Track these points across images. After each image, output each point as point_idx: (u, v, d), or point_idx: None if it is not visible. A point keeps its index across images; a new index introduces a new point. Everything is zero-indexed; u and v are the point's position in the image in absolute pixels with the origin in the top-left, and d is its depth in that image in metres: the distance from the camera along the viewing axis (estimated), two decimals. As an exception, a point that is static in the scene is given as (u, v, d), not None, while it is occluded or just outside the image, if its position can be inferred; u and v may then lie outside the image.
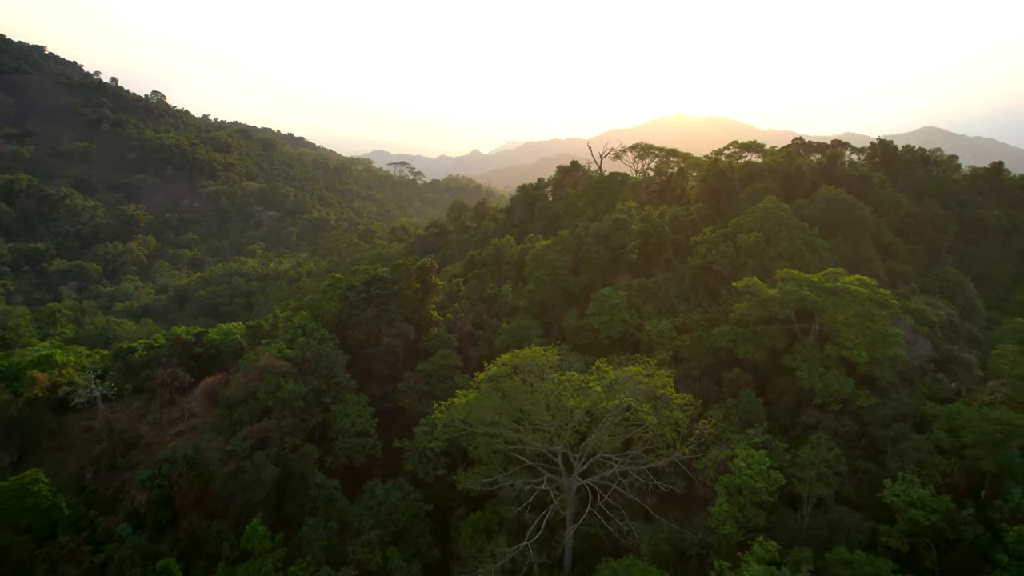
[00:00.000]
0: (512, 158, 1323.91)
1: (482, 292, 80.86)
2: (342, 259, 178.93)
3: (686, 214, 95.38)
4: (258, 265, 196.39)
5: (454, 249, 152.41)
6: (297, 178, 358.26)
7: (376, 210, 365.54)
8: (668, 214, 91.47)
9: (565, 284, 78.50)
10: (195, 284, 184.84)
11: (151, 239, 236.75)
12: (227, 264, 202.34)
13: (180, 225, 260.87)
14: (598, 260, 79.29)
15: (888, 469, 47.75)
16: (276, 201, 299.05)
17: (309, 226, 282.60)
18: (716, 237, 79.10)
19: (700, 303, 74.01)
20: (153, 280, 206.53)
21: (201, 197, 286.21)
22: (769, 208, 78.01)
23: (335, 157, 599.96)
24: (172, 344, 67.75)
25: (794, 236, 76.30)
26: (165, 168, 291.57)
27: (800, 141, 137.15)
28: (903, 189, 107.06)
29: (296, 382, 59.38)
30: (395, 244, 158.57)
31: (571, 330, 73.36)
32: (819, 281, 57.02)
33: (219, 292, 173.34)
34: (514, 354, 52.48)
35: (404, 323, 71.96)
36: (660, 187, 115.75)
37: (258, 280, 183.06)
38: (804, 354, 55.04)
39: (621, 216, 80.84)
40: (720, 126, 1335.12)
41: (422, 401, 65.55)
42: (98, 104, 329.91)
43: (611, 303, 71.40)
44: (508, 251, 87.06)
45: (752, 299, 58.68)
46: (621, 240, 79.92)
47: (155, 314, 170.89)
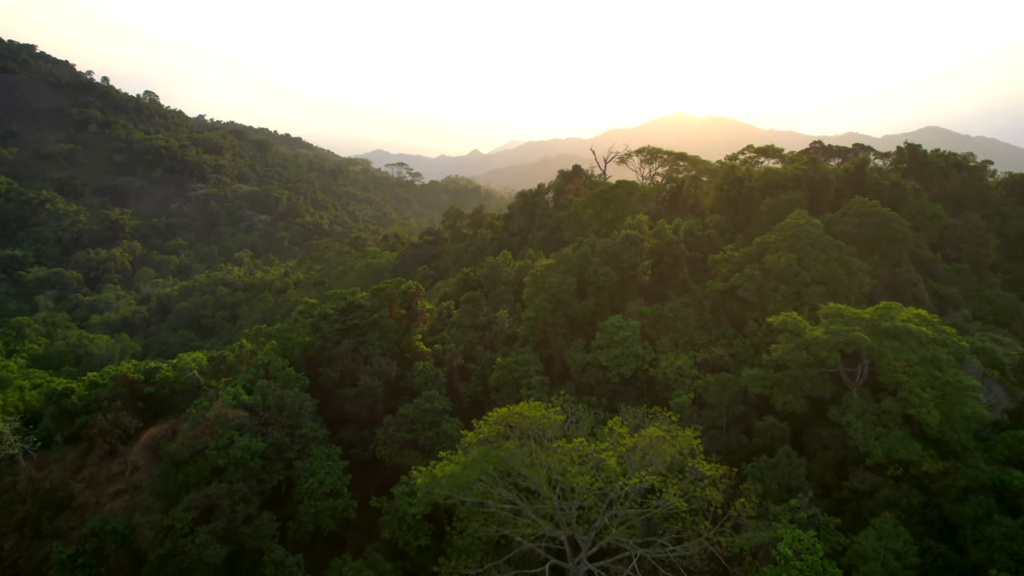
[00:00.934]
0: (512, 158, 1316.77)
1: (475, 318, 71.83)
2: (331, 268, 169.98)
3: (702, 228, 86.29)
4: (244, 274, 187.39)
5: (449, 260, 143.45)
6: (291, 180, 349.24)
7: (372, 213, 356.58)
8: (683, 228, 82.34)
9: (568, 310, 69.45)
10: (178, 294, 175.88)
11: (136, 245, 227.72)
12: (212, 273, 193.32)
13: (167, 230, 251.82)
14: (606, 282, 70.19)
15: (971, 559, 38.72)
16: (268, 205, 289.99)
17: (302, 231, 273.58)
18: (740, 257, 70.01)
19: (723, 334, 64.93)
20: (136, 288, 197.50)
21: (190, 201, 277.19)
22: (800, 225, 68.89)
23: (332, 158, 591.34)
24: (116, 384, 58.76)
25: (829, 257, 67.18)
26: (154, 170, 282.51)
27: (819, 145, 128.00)
28: (936, 198, 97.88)
29: (254, 436, 50.33)
30: (386, 253, 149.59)
31: (576, 366, 64.30)
32: (872, 319, 47.86)
33: (202, 304, 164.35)
34: (509, 411, 43.50)
35: (385, 358, 62.88)
36: (670, 195, 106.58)
37: (244, 290, 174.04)
38: (857, 408, 45.95)
39: (632, 233, 71.72)
40: (721, 126, 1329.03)
41: (404, 452, 56.53)
42: (86, 104, 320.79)
43: (621, 335, 62.34)
44: (504, 271, 78.18)
45: (792, 340, 49.55)
46: (632, 260, 70.81)
47: (134, 327, 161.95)
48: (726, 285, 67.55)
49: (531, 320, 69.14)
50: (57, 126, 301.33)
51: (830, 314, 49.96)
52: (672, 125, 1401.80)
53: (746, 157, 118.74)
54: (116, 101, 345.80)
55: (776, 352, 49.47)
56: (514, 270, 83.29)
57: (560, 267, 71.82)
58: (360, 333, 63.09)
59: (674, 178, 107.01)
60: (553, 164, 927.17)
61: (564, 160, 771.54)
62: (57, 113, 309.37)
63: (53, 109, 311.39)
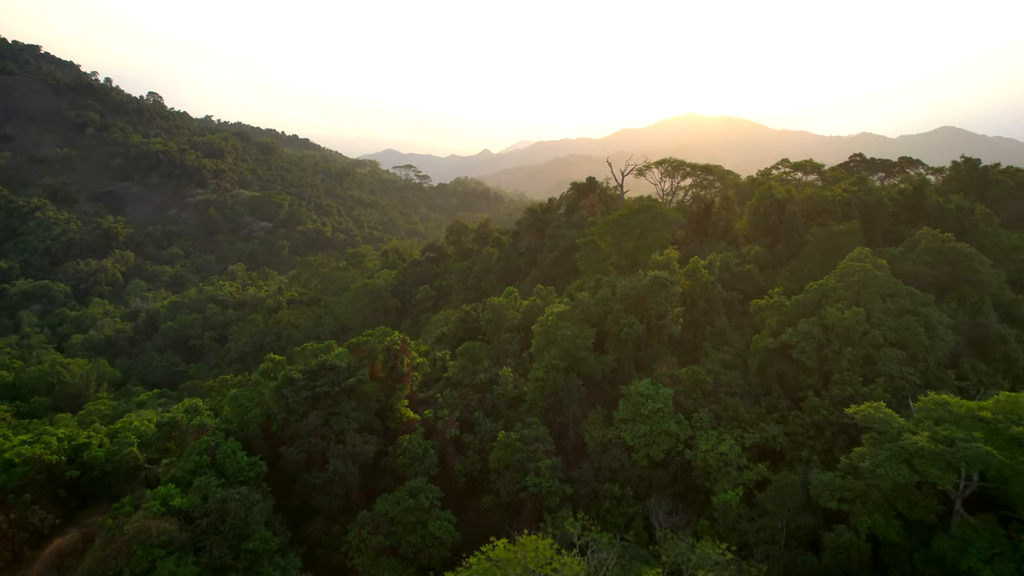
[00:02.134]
0: (523, 158, 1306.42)
1: (474, 375, 60.54)
2: (327, 285, 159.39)
3: (739, 261, 74.42)
4: (236, 290, 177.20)
5: (452, 279, 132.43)
6: (295, 185, 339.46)
7: (378, 218, 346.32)
8: (717, 262, 70.51)
9: (585, 368, 57.97)
10: (167, 311, 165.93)
11: (129, 255, 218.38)
12: (204, 287, 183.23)
13: (163, 238, 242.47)
14: (630, 335, 58.66)
15: None
16: (269, 211, 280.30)
17: (303, 239, 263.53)
18: (792, 307, 58.06)
19: (775, 405, 53.12)
20: (126, 302, 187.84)
21: (189, 207, 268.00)
22: (864, 268, 56.93)
23: (340, 159, 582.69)
24: (29, 470, 48.00)
25: (902, 308, 55.23)
26: (151, 176, 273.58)
27: (859, 158, 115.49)
28: (1006, 224, 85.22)
29: (184, 556, 39.36)
30: (385, 272, 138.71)
31: (594, 444, 52.80)
32: (994, 417, 36.01)
33: (190, 323, 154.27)
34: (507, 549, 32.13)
35: (362, 434, 51.75)
36: (697, 217, 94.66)
37: (235, 308, 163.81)
38: (980, 545, 34.15)
39: (660, 275, 60.05)
40: (733, 126, 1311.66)
41: (381, 560, 45.40)
42: (85, 107, 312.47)
43: (650, 407, 50.76)
44: (509, 314, 66.90)
45: (883, 446, 37.72)
46: (661, 307, 59.16)
47: (118, 348, 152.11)
48: (776, 342, 55.74)
49: (540, 381, 57.68)
50: (54, 129, 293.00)
51: (932, 410, 38.07)
52: (684, 125, 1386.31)
53: (781, 173, 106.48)
54: (116, 103, 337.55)
55: (864, 463, 37.62)
56: (520, 311, 71.84)
57: (575, 315, 60.29)
58: (332, 403, 51.93)
59: (701, 197, 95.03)
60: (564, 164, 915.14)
61: (575, 161, 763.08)
62: (55, 116, 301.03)
63: (51, 112, 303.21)
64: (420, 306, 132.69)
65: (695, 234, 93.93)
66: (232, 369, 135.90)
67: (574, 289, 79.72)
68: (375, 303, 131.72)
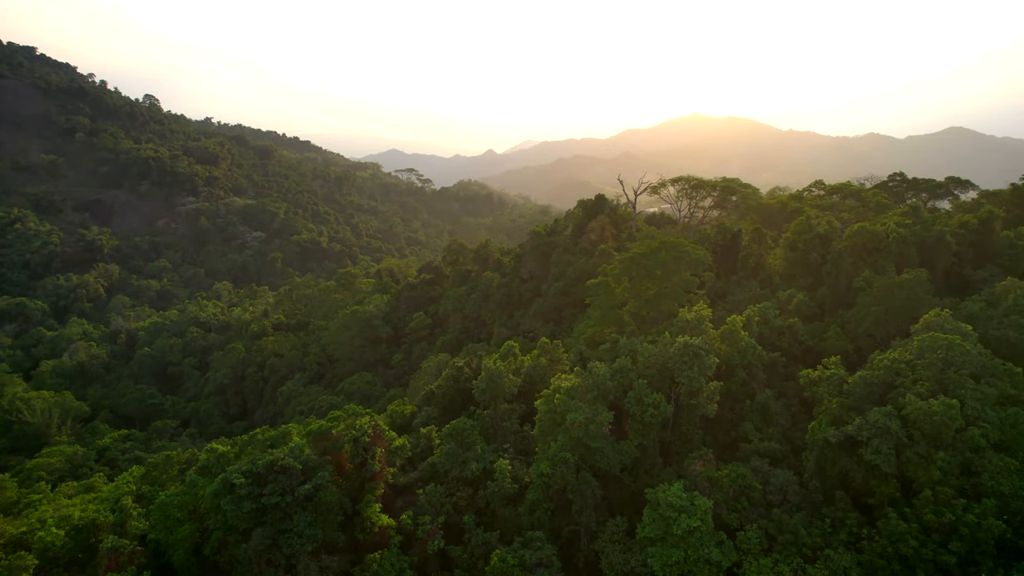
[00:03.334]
0: (527, 158, 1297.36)
1: (464, 466, 49.58)
2: (316, 308, 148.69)
3: (778, 311, 63.09)
4: (221, 311, 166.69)
5: (449, 306, 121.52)
6: (292, 191, 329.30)
7: (377, 225, 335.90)
8: (755, 316, 59.22)
9: (600, 460, 46.82)
10: (147, 333, 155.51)
11: (113, 268, 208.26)
12: (186, 308, 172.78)
13: (151, 250, 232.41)
14: (655, 418, 47.59)
15: None
16: (263, 220, 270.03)
17: (297, 249, 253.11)
18: (857, 386, 46.82)
19: (842, 520, 41.91)
20: (107, 321, 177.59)
21: (179, 216, 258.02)
22: (951, 341, 45.61)
23: (341, 162, 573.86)
24: None
25: (1001, 394, 43.95)
26: (141, 183, 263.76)
27: (900, 178, 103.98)
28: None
29: None
30: (376, 297, 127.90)
31: (613, 570, 41.70)
32: None
33: (170, 348, 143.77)
34: None
35: (319, 557, 40.80)
36: (723, 249, 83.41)
37: (218, 331, 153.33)
38: None
39: (692, 343, 48.89)
40: (738, 126, 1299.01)
41: None
42: (76, 111, 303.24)
43: (684, 524, 39.61)
44: (507, 382, 55.84)
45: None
46: (693, 383, 48.07)
47: (92, 375, 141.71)
48: (839, 434, 44.52)
49: (545, 478, 46.61)
50: (43, 135, 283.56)
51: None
52: (689, 125, 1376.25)
53: (815, 196, 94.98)
54: (109, 107, 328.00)
55: None
56: (521, 371, 60.70)
57: (588, 393, 49.15)
58: (282, 516, 40.99)
59: (727, 227, 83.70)
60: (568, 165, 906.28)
61: (579, 162, 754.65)
62: (44, 121, 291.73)
63: (40, 116, 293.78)
64: (414, 335, 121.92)
65: (721, 269, 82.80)
66: (211, 403, 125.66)
67: (584, 339, 68.68)
68: (365, 332, 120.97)
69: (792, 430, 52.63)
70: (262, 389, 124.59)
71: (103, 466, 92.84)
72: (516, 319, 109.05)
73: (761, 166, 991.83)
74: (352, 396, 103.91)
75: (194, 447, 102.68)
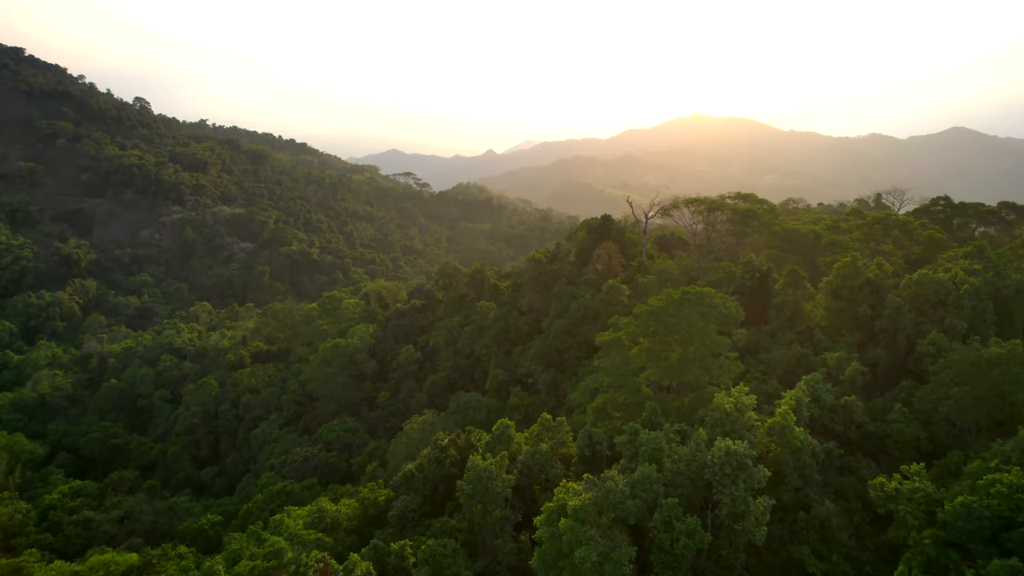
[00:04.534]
0: (527, 159, 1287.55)
1: (444, 606, 38.65)
2: (295, 334, 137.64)
3: (829, 384, 51.92)
4: (198, 335, 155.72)
5: (441, 338, 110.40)
6: (284, 198, 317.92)
7: (372, 233, 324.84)
8: (805, 397, 48.06)
9: (619, 605, 35.93)
10: (118, 359, 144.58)
11: (90, 284, 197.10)
12: (162, 331, 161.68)
13: (132, 263, 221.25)
14: (688, 548, 36.63)
15: None
16: (252, 230, 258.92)
17: (287, 262, 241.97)
18: (956, 515, 35.82)
19: None
20: (79, 343, 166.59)
21: (164, 227, 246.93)
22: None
23: (338, 164, 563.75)
24: None
25: None
26: (124, 192, 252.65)
27: (945, 202, 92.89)
28: None
29: None
30: (361, 327, 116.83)
31: None
32: None
33: (140, 379, 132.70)
34: None
35: None
36: (751, 291, 72.42)
37: (194, 359, 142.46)
38: None
39: (736, 449, 37.88)
40: (739, 126, 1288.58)
41: None
42: (59, 115, 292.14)
43: None
44: (498, 485, 44.55)
45: None
46: (738, 503, 37.09)
47: (53, 408, 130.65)
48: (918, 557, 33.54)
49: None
50: (24, 140, 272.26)
51: None
52: (690, 125, 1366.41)
53: (853, 227, 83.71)
54: (94, 111, 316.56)
55: None
56: (519, 461, 49.57)
57: (601, 514, 38.12)
58: None
59: (755, 265, 72.65)
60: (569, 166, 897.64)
61: (580, 163, 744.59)
62: (25, 126, 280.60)
63: (21, 121, 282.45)
64: (402, 370, 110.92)
65: (749, 314, 71.71)
66: (180, 444, 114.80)
67: (594, 409, 57.61)
68: (348, 368, 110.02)
69: (858, 550, 41.73)
70: (236, 429, 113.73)
71: (45, 531, 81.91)
72: (514, 358, 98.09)
73: (762, 167, 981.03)
74: (330, 446, 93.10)
75: (153, 503, 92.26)
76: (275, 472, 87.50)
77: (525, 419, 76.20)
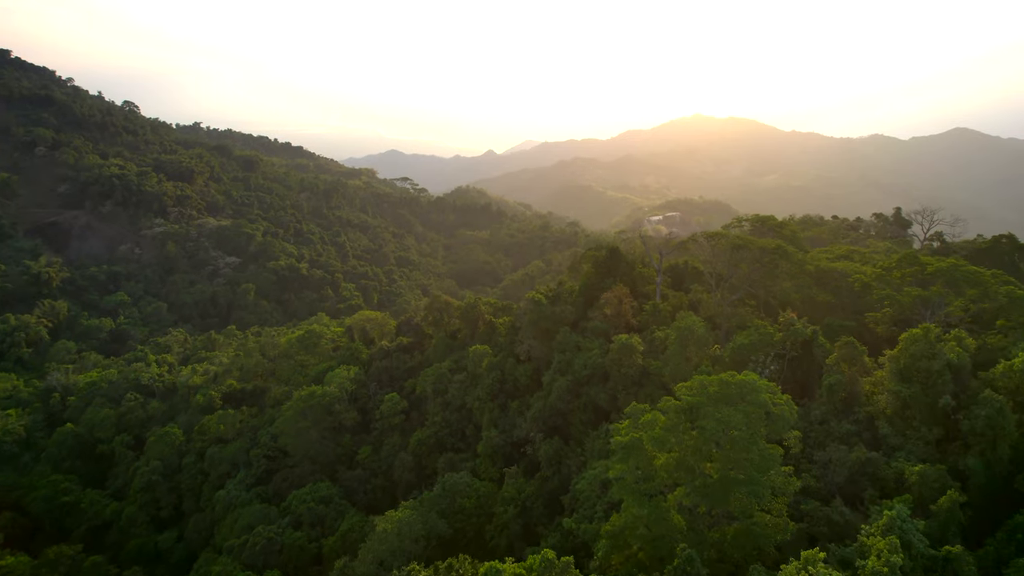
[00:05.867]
0: (527, 159, 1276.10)
1: None
2: (274, 368, 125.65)
3: (914, 518, 39.77)
4: (168, 369, 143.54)
5: (428, 387, 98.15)
6: (274, 207, 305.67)
7: (366, 244, 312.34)
8: (895, 556, 35.90)
9: None
10: (80, 397, 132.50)
11: (61, 305, 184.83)
12: (131, 363, 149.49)
13: (109, 281, 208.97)
14: None
15: None
16: (238, 243, 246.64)
17: (274, 278, 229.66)
18: None
19: None
20: (43, 373, 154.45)
21: (145, 240, 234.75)
22: None
23: (334, 169, 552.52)
24: None
25: None
26: (104, 203, 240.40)
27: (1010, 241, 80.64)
28: None
29: None
30: (341, 371, 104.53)
31: None
32: None
33: (100, 421, 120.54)
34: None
35: None
36: (793, 360, 60.21)
37: (162, 397, 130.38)
38: None
39: None
40: (741, 127, 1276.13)
41: None
42: (39, 121, 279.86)
43: None
44: None
45: None
46: None
47: (2, 455, 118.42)
48: None
49: None
50: (0, 148, 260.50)
51: None
52: (691, 126, 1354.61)
53: (905, 275, 71.39)
54: (77, 117, 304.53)
55: None
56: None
57: None
58: None
59: (799, 331, 60.44)
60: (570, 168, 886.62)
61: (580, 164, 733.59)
62: (3, 133, 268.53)
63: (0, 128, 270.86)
64: (386, 421, 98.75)
65: (787, 387, 59.60)
66: (138, 503, 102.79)
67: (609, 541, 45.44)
68: (324, 420, 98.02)
69: None
70: (200, 486, 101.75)
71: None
72: (510, 415, 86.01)
73: (764, 168, 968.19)
74: (300, 520, 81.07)
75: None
76: (233, 558, 75.51)
77: (522, 513, 64.11)
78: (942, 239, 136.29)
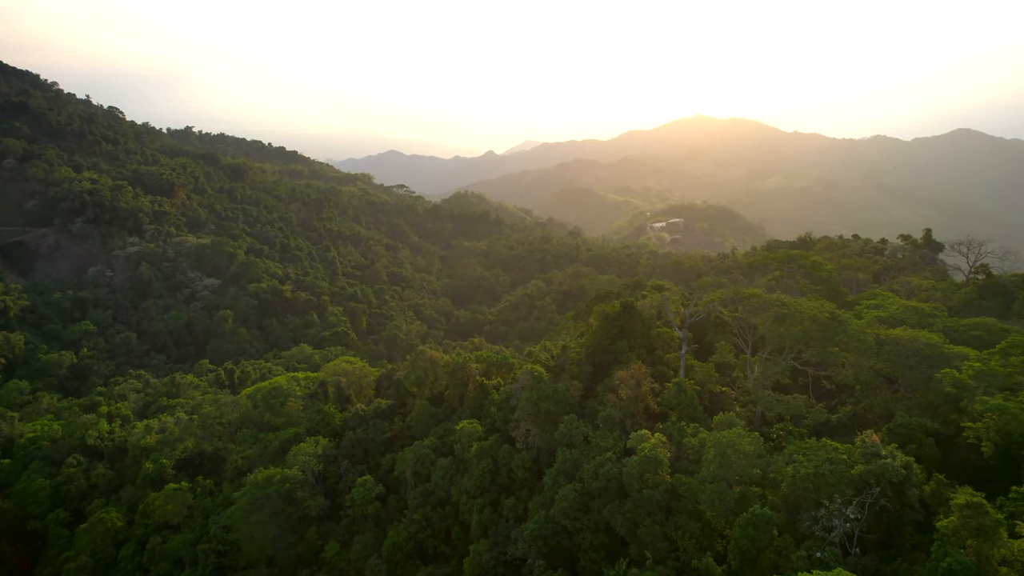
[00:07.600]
0: (528, 160, 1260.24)
1: None
2: (240, 424, 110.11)
3: None
4: (122, 424, 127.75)
5: (407, 471, 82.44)
6: (261, 220, 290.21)
7: (357, 259, 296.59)
8: None
9: None
10: (15, 461, 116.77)
11: (17, 339, 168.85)
12: (82, 414, 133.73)
13: (75, 308, 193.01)
14: None
15: None
16: (219, 263, 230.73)
17: (255, 302, 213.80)
18: None
19: None
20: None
21: (117, 261, 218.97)
22: None
23: (329, 174, 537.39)
24: None
25: None
26: (74, 221, 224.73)
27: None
28: None
29: None
30: (306, 446, 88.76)
31: None
32: None
33: (34, 494, 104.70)
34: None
35: None
36: (878, 512, 44.53)
37: (110, 460, 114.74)
38: None
39: None
40: (743, 127, 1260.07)
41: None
42: (11, 131, 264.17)
43: None
44: None
45: None
46: None
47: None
48: None
49: None
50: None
51: None
52: (692, 127, 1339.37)
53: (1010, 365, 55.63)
54: (53, 126, 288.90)
55: None
56: None
57: None
58: None
59: (891, 467, 44.83)
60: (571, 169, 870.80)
61: (581, 166, 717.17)
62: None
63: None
64: (358, 511, 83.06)
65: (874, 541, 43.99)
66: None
67: None
68: (284, 510, 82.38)
69: None
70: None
71: None
72: (504, 520, 70.37)
73: (766, 169, 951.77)
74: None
75: None
76: None
77: None
78: (988, 272, 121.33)
